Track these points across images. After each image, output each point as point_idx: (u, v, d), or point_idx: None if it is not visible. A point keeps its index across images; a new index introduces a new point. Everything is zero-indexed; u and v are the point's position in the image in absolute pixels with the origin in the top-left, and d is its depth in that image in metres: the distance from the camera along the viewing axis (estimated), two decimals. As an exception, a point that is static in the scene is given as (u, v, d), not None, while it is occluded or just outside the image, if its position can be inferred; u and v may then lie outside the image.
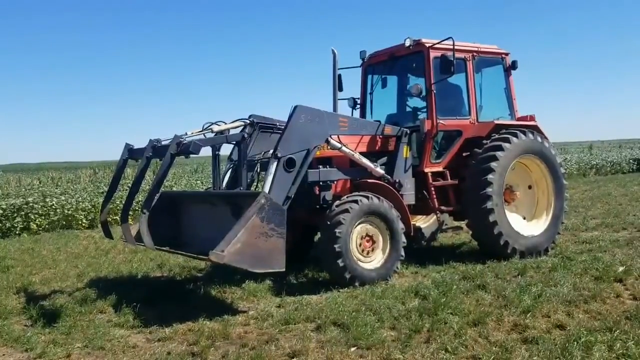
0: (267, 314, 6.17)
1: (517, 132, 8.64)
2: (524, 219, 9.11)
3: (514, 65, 9.47)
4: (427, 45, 8.57)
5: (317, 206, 7.75)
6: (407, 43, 8.71)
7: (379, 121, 8.71)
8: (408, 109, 9.59)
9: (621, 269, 7.30)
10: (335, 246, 7.00)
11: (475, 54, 9.01)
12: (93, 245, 11.96)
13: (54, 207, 14.93)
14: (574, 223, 11.69)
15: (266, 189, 6.56)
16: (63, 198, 15.52)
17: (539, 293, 6.35)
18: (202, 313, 6.18)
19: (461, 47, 8.74)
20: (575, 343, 4.81)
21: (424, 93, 8.60)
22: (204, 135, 7.32)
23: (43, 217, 14.67)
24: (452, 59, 8.07)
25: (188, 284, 7.68)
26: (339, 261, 7.02)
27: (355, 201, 7.27)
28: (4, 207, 14.18)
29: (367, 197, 7.38)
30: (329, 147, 7.64)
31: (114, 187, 7.81)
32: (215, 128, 7.40)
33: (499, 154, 8.37)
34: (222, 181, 7.85)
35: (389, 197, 7.75)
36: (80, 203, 15.51)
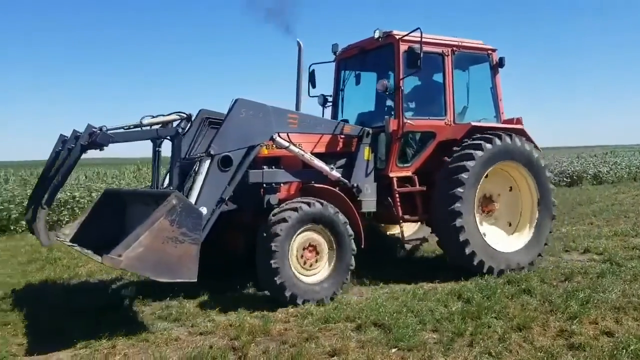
0: (307, 312, 6.15)
1: (493, 136, 7.69)
2: (506, 231, 8.27)
3: (501, 63, 8.59)
4: (397, 37, 7.74)
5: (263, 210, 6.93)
6: (377, 35, 7.87)
7: (345, 120, 8.20)
8: (380, 108, 8.71)
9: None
10: (272, 262, 6.25)
11: (455, 48, 8.11)
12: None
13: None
14: (624, 228, 11.33)
15: (195, 189, 6.14)
16: None
17: (586, 299, 6.17)
18: (242, 308, 6.25)
19: (437, 40, 8.00)
20: (624, 351, 4.68)
21: (390, 90, 7.75)
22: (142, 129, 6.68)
23: None
24: (419, 52, 7.22)
25: (227, 278, 7.73)
26: (277, 279, 6.27)
27: (295, 209, 6.49)
28: None
29: (309, 204, 6.60)
30: (274, 145, 6.98)
31: (43, 182, 6.94)
32: (145, 121, 6.68)
33: (469, 164, 7.44)
34: (165, 179, 7.08)
35: (336, 201, 6.97)
36: None
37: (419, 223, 8.46)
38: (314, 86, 9.16)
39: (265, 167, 7.07)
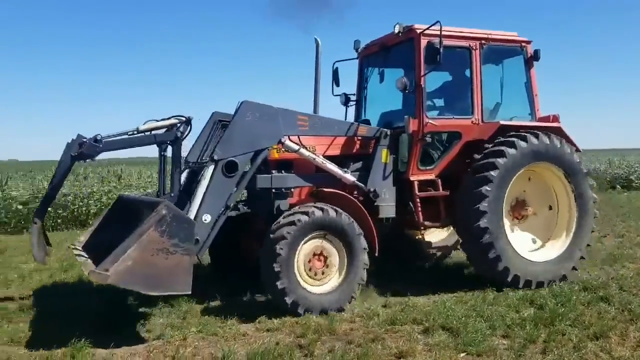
0: (373, 313, 6.10)
1: (528, 134, 7.18)
2: (540, 239, 7.63)
3: (536, 56, 7.89)
4: (418, 31, 7.24)
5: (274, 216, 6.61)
6: (397, 30, 7.45)
7: (366, 120, 7.89)
8: (405, 107, 8.03)
9: None
10: (274, 265, 5.97)
11: (483, 42, 7.53)
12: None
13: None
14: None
15: (198, 196, 6.00)
16: None
17: (670, 308, 5.82)
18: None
19: (463, 33, 7.49)
20: None
21: (410, 88, 7.22)
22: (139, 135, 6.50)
23: None
24: (439, 47, 6.79)
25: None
26: (278, 283, 5.97)
27: (306, 213, 6.18)
28: None
29: (322, 210, 6.26)
30: (283, 149, 6.70)
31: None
32: (142, 127, 6.47)
33: (499, 161, 6.94)
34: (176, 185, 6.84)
35: (349, 209, 6.59)
36: None
37: (450, 228, 8.05)
38: (337, 85, 8.77)
39: (274, 171, 6.79)
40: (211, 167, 6.15)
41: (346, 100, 8.76)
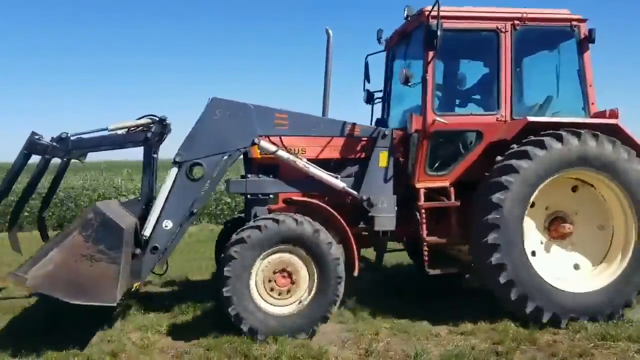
0: (580, 327, 5.72)
1: (565, 133, 5.88)
2: (585, 264, 6.26)
3: (590, 37, 6.48)
4: (427, 13, 6.21)
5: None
6: (405, 13, 6.61)
7: (384, 119, 7.10)
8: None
9: None
10: (224, 290, 5.40)
11: (517, 22, 6.34)
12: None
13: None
14: None
15: (160, 200, 5.70)
16: None
17: None
18: (502, 313, 5.96)
19: (488, 13, 6.39)
20: None
21: (412, 81, 6.23)
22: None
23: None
24: (436, 29, 5.80)
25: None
26: (230, 309, 5.41)
27: (258, 227, 5.50)
28: None
29: (277, 220, 5.54)
30: (258, 150, 6.18)
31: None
32: (111, 126, 6.10)
33: (521, 163, 5.78)
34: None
35: (321, 217, 5.91)
36: None
37: None
38: (368, 81, 7.88)
39: (249, 175, 6.36)
40: (174, 170, 5.78)
41: (368, 98, 7.88)
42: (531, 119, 6.12)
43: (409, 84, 6.23)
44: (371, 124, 7.38)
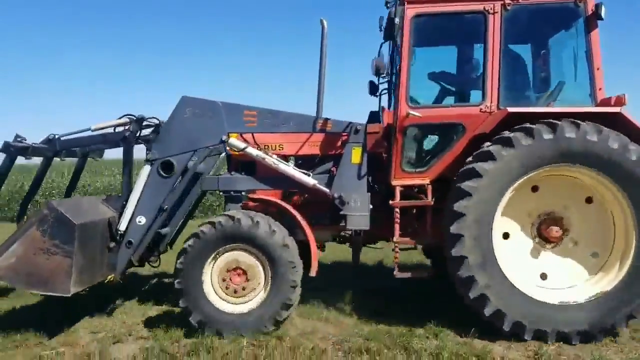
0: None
1: (541, 126, 5.23)
2: (582, 273, 5.59)
3: (597, 14, 5.64)
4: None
5: None
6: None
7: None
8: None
9: None
10: (176, 282, 5.61)
11: (508, 2, 5.70)
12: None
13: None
14: None
15: (133, 197, 5.95)
16: None
17: None
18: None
19: None
20: None
21: (383, 71, 6.12)
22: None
23: None
24: (394, 16, 5.59)
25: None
26: (181, 301, 5.60)
27: (213, 224, 5.57)
28: None
29: (233, 218, 5.55)
30: (228, 147, 6.17)
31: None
32: (94, 127, 6.27)
33: (484, 166, 5.26)
34: None
35: (280, 216, 5.89)
36: None
37: None
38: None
39: (233, 172, 6.45)
40: (147, 168, 6.04)
41: (372, 89, 7.22)
42: (512, 109, 5.49)
43: (381, 75, 6.18)
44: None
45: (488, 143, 5.41)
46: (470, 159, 5.49)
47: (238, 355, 5.08)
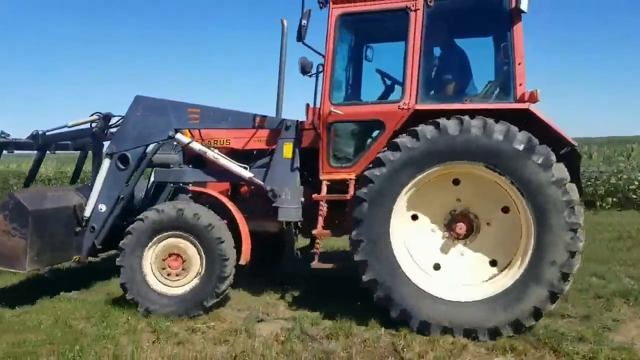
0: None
1: (442, 121, 5.30)
2: (486, 268, 5.56)
3: (518, 5, 5.44)
4: None
5: None
6: None
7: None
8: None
9: None
10: (120, 279, 6.17)
11: None
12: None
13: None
14: None
15: (96, 187, 6.57)
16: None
17: None
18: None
19: None
20: None
21: (311, 70, 6.19)
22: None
23: None
24: (302, 18, 5.73)
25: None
26: (127, 295, 6.13)
27: (141, 219, 6.11)
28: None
29: (159, 210, 6.09)
30: (174, 142, 6.73)
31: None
32: (70, 123, 6.96)
33: (389, 156, 5.44)
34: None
35: (214, 206, 6.34)
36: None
37: None
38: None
39: (172, 165, 6.90)
40: (107, 161, 6.58)
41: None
42: (418, 107, 5.62)
43: (308, 74, 6.20)
44: None
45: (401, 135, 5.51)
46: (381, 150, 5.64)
47: (376, 342, 5.18)
